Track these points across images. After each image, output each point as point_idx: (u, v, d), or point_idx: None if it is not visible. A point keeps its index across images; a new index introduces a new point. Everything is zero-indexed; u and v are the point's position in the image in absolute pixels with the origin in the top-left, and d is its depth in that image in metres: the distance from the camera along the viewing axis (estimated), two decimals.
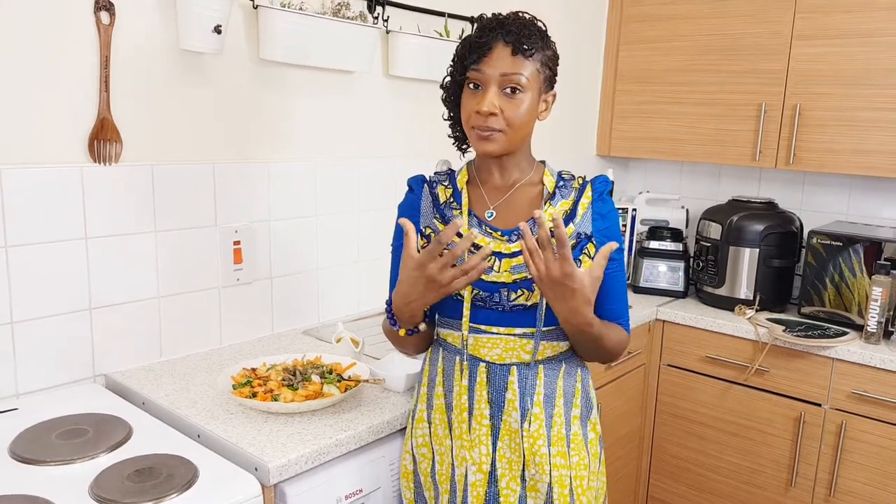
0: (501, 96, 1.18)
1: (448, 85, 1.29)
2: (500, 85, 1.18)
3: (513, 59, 1.17)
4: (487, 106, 1.17)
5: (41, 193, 1.44)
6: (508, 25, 1.18)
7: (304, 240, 1.98)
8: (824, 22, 2.35)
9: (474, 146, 1.23)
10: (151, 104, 1.60)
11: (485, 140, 1.20)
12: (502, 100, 1.18)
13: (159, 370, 1.63)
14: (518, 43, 1.17)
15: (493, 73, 1.17)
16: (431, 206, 1.32)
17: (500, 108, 1.18)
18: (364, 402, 1.49)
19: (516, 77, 1.17)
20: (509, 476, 1.24)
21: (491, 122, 1.18)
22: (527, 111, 1.20)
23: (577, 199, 1.27)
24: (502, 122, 1.18)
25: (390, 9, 2.03)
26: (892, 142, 2.26)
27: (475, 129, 1.20)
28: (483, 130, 1.19)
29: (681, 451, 2.53)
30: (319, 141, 1.98)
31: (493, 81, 1.18)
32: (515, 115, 1.18)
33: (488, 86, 1.18)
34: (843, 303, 2.28)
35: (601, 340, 1.21)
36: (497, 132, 1.19)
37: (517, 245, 1.23)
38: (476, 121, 1.19)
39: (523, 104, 1.19)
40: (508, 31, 1.17)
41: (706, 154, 2.68)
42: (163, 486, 1.12)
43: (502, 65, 1.17)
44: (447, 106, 1.31)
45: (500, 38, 1.17)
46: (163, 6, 1.58)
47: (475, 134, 1.21)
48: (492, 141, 1.20)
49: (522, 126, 1.21)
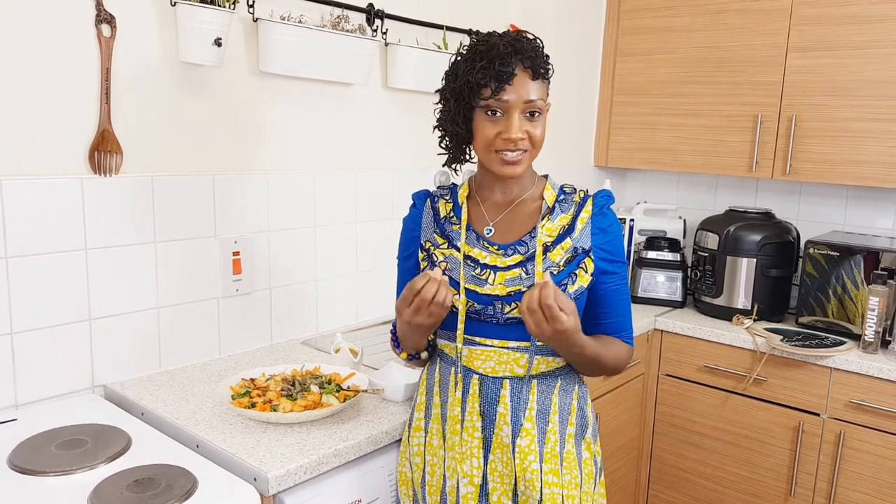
0: (523, 120, 1.20)
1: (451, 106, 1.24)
2: (522, 110, 1.20)
3: (532, 84, 1.19)
4: (517, 133, 1.19)
5: (42, 204, 1.45)
6: (525, 50, 1.19)
7: (303, 250, 1.99)
8: (819, 34, 2.37)
9: (497, 170, 1.23)
10: (152, 116, 1.61)
11: (512, 164, 1.21)
12: (525, 123, 1.20)
13: (158, 381, 1.63)
14: (535, 67, 1.19)
15: (517, 101, 1.19)
16: (432, 220, 1.33)
17: (525, 131, 1.20)
18: (363, 412, 1.49)
19: (539, 103, 1.20)
20: (500, 490, 1.24)
21: (520, 145, 1.20)
22: (544, 130, 1.24)
23: (577, 213, 1.28)
24: (528, 145, 1.21)
25: (389, 21, 2.05)
26: (887, 152, 2.28)
27: (500, 153, 1.21)
28: (512, 152, 1.20)
29: (680, 461, 2.53)
30: (318, 152, 1.99)
31: (516, 108, 1.19)
32: (538, 138, 1.22)
33: (512, 112, 1.19)
34: (847, 314, 2.28)
35: (598, 360, 1.24)
36: (523, 153, 1.22)
37: (512, 259, 1.24)
38: (503, 145, 1.20)
39: (542, 124, 1.23)
40: (526, 56, 1.18)
41: (703, 165, 2.69)
42: (162, 497, 1.12)
43: (525, 92, 1.19)
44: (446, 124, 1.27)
45: (520, 63, 1.18)
46: (163, 19, 1.59)
47: (498, 158, 1.22)
48: (519, 164, 1.22)
49: (542, 144, 1.24)
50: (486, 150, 1.22)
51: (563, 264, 1.24)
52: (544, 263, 1.23)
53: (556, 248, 1.24)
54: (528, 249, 1.24)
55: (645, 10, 2.78)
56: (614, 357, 1.28)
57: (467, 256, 1.26)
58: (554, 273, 1.23)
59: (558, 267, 1.23)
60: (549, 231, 1.26)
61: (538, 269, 1.22)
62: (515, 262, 1.24)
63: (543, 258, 1.23)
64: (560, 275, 1.23)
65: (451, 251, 1.28)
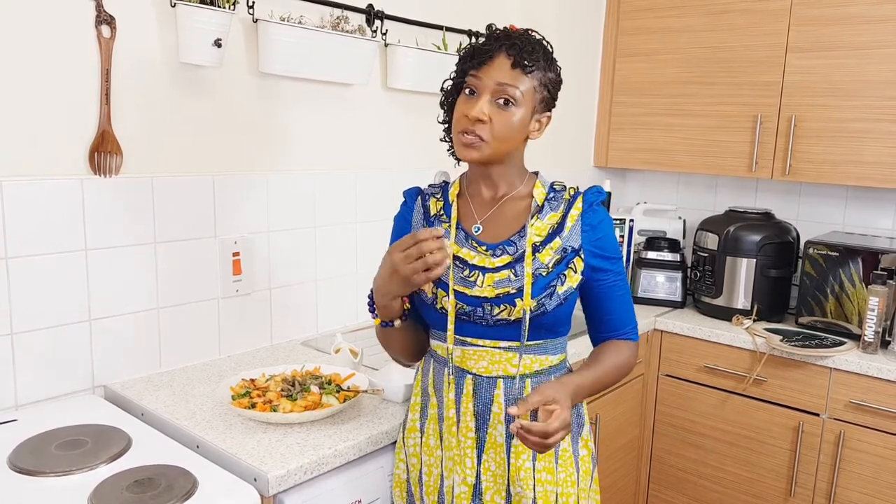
0: (493, 105, 1.18)
1: (448, 89, 1.28)
2: (494, 94, 1.17)
3: (511, 72, 1.17)
4: (477, 112, 1.16)
5: (42, 205, 1.45)
6: (514, 39, 1.19)
7: (303, 251, 1.99)
8: (819, 34, 2.37)
9: (457, 151, 1.23)
10: (152, 117, 1.61)
11: (468, 147, 1.19)
12: (493, 109, 1.18)
13: (158, 381, 1.63)
14: (519, 57, 1.17)
15: (489, 82, 1.17)
16: (422, 218, 1.32)
17: (489, 116, 1.17)
18: (363, 412, 1.49)
19: (511, 89, 1.17)
20: (493, 490, 1.24)
21: (478, 128, 1.18)
22: (516, 126, 1.19)
23: (567, 210, 1.25)
24: (488, 132, 1.18)
25: (389, 22, 2.05)
26: (886, 153, 2.28)
27: (461, 133, 1.20)
28: (468, 135, 1.18)
29: (680, 462, 2.53)
30: (318, 153, 1.99)
31: (487, 90, 1.18)
32: (503, 127, 1.18)
33: (482, 93, 1.18)
34: (844, 313, 2.28)
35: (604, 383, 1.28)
36: (481, 141, 1.18)
37: (501, 260, 1.23)
38: (463, 124, 1.19)
39: (513, 118, 1.18)
40: (513, 45, 1.18)
41: (703, 165, 2.70)
42: (162, 497, 1.12)
43: (499, 75, 1.17)
44: (444, 110, 1.31)
45: (504, 49, 1.18)
46: (163, 20, 1.60)
47: (460, 139, 1.20)
48: (474, 149, 1.19)
49: (507, 139, 1.20)
50: (455, 131, 1.22)
51: (552, 266, 1.22)
52: (533, 264, 1.21)
53: (546, 249, 1.22)
54: (517, 250, 1.23)
55: (645, 11, 2.78)
56: (616, 367, 1.29)
57: (456, 257, 1.25)
58: (542, 275, 1.21)
59: (547, 268, 1.21)
60: (539, 230, 1.24)
61: (527, 271, 1.21)
62: (504, 262, 1.22)
63: (533, 259, 1.22)
64: (549, 276, 1.21)
65: None
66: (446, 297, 1.24)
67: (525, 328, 1.22)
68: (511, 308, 1.21)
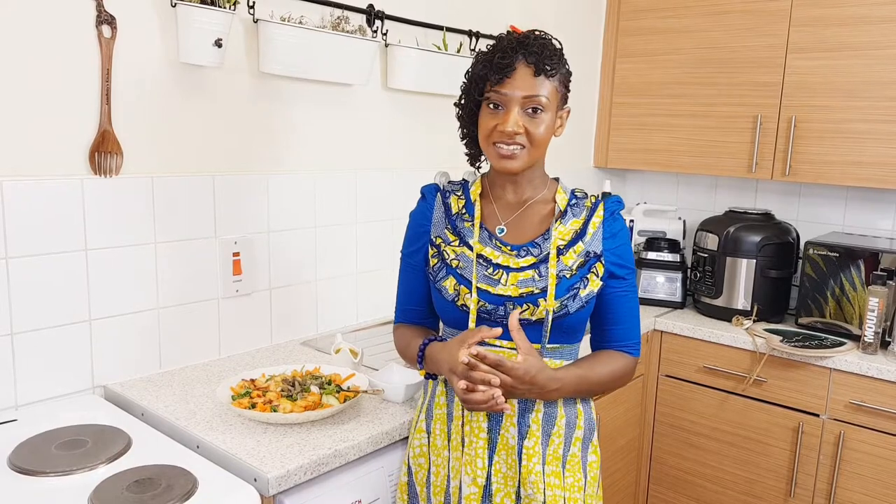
0: (523, 115, 1.20)
1: (464, 103, 1.29)
2: (523, 105, 1.19)
3: (534, 80, 1.19)
4: (512, 126, 1.18)
5: (42, 205, 1.45)
6: (530, 46, 1.19)
7: (303, 251, 1.99)
8: (819, 35, 2.37)
9: (495, 164, 1.24)
10: (152, 117, 1.61)
11: (507, 158, 1.21)
12: (524, 119, 1.20)
13: (158, 381, 1.63)
14: (540, 63, 1.18)
15: (516, 95, 1.19)
16: (444, 216, 1.33)
17: (523, 126, 1.20)
18: (363, 412, 1.49)
19: (538, 98, 1.19)
20: (504, 492, 1.24)
21: (516, 139, 1.20)
22: (547, 129, 1.22)
23: (589, 217, 1.28)
24: (525, 140, 1.21)
25: (389, 22, 2.05)
26: (887, 153, 2.28)
27: (497, 145, 1.21)
28: (507, 145, 1.20)
29: (680, 462, 2.53)
30: (318, 153, 1.99)
31: (515, 102, 1.19)
32: (537, 134, 1.21)
33: (511, 106, 1.19)
34: (844, 314, 2.28)
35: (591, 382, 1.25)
36: (521, 149, 1.21)
37: (525, 260, 1.24)
38: (499, 138, 1.21)
39: (544, 123, 1.21)
40: (530, 52, 1.18)
41: (703, 166, 2.70)
42: (162, 497, 1.12)
43: (525, 86, 1.18)
44: (462, 123, 1.32)
45: (523, 58, 1.19)
46: (164, 20, 1.60)
47: (495, 151, 1.22)
48: (515, 159, 1.21)
49: (543, 143, 1.23)
50: (486, 143, 1.24)
51: (575, 268, 1.24)
52: (557, 266, 1.23)
53: (569, 252, 1.25)
54: (542, 251, 1.25)
55: (645, 11, 2.78)
56: (610, 376, 1.28)
57: (480, 255, 1.26)
58: (566, 277, 1.23)
59: (571, 271, 1.23)
60: (562, 234, 1.26)
61: (551, 272, 1.22)
62: (528, 263, 1.24)
63: (557, 261, 1.24)
64: (572, 279, 1.23)
65: (463, 249, 1.28)
66: (469, 294, 1.24)
67: (547, 329, 1.22)
68: (534, 308, 1.22)
